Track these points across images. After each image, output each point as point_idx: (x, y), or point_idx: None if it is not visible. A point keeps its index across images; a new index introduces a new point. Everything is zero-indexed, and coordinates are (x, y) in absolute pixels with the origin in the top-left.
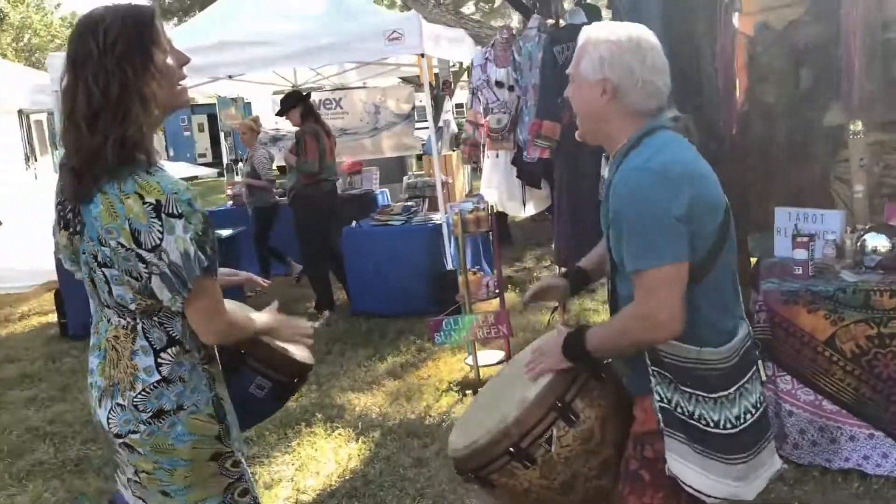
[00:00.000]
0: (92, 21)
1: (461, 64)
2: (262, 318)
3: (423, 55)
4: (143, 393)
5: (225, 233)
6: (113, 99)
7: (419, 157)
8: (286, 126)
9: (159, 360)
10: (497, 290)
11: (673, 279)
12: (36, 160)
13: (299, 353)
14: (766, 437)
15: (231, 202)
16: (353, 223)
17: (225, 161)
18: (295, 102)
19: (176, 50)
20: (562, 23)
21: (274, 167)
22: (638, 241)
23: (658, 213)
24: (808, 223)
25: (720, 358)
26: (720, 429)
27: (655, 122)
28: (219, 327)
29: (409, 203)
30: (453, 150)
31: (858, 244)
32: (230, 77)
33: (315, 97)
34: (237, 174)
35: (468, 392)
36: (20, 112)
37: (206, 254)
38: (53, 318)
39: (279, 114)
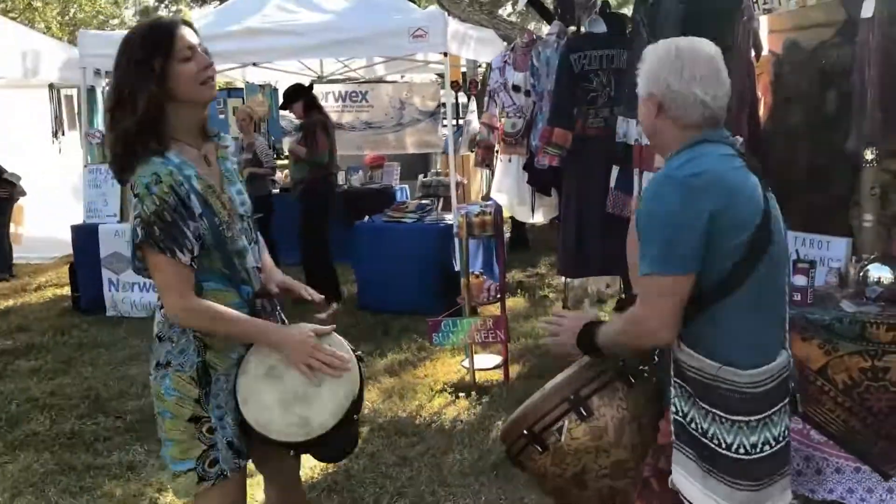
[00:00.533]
0: (124, 37)
1: (490, 65)
2: (258, 326)
3: (446, 54)
4: (153, 345)
5: None
6: (126, 97)
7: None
8: None
9: (158, 319)
10: (498, 295)
11: (670, 289)
12: (63, 134)
13: (299, 417)
14: (782, 471)
15: None
16: (367, 218)
17: None
18: (297, 95)
19: (199, 54)
20: (582, 30)
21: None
22: (648, 246)
23: (672, 221)
24: (813, 249)
25: (746, 381)
26: (732, 452)
27: (702, 135)
28: (170, 306)
29: (424, 201)
30: (471, 151)
31: (861, 274)
32: (255, 64)
33: (341, 89)
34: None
35: (461, 394)
36: (51, 86)
37: (149, 231)
38: (68, 290)
39: (282, 107)
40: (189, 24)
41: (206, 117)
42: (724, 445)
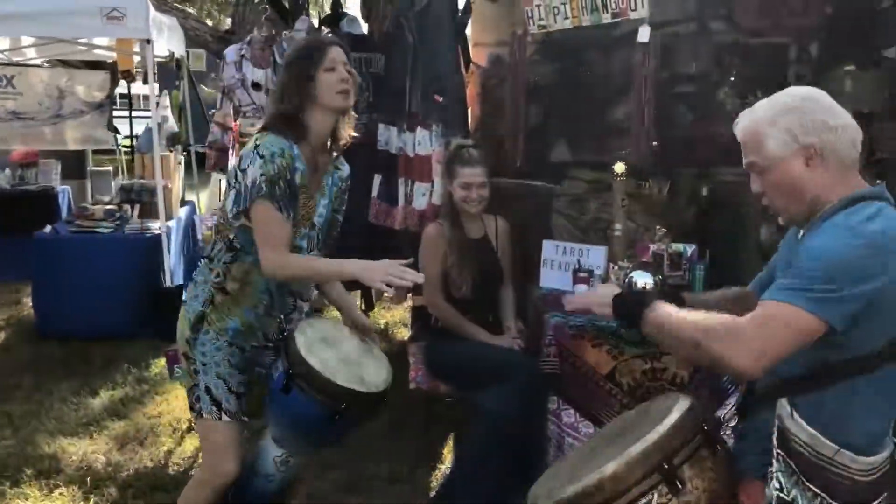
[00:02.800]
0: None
1: (173, 54)
2: (336, 264)
3: (149, 41)
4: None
5: None
6: (280, 90)
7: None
8: None
9: (198, 264)
10: None
11: (796, 326)
12: None
13: (357, 375)
14: None
15: None
16: (49, 228)
17: None
18: None
19: (341, 69)
20: (324, 30)
21: None
22: (801, 279)
23: (845, 269)
24: (573, 256)
25: (860, 469)
26: None
27: (870, 191)
28: (267, 257)
29: (110, 207)
30: (170, 151)
31: (626, 281)
32: None
33: None
34: None
35: None
36: None
37: (272, 188)
38: None
39: None
40: (341, 45)
41: (336, 129)
42: None
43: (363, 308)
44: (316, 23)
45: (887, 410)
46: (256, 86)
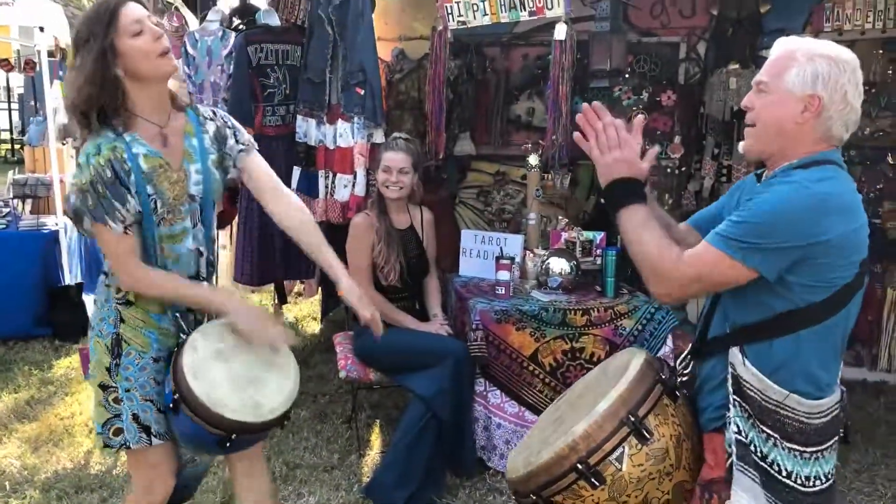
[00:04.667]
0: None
1: (58, 41)
2: (206, 293)
3: (42, 28)
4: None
5: None
6: (84, 81)
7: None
8: None
9: (97, 284)
10: None
11: (723, 270)
12: None
13: (251, 401)
14: None
15: None
16: None
17: None
18: None
19: (149, 27)
20: (236, 22)
21: None
22: (738, 227)
23: (782, 226)
24: (493, 245)
25: (806, 411)
26: (791, 480)
27: (829, 154)
28: (117, 273)
29: None
30: (63, 144)
31: (543, 266)
32: None
33: None
34: None
35: None
36: None
37: (83, 199)
38: None
39: None
40: (132, 4)
41: (168, 90)
42: (784, 472)
43: (275, 301)
44: (227, 13)
45: (832, 358)
46: None
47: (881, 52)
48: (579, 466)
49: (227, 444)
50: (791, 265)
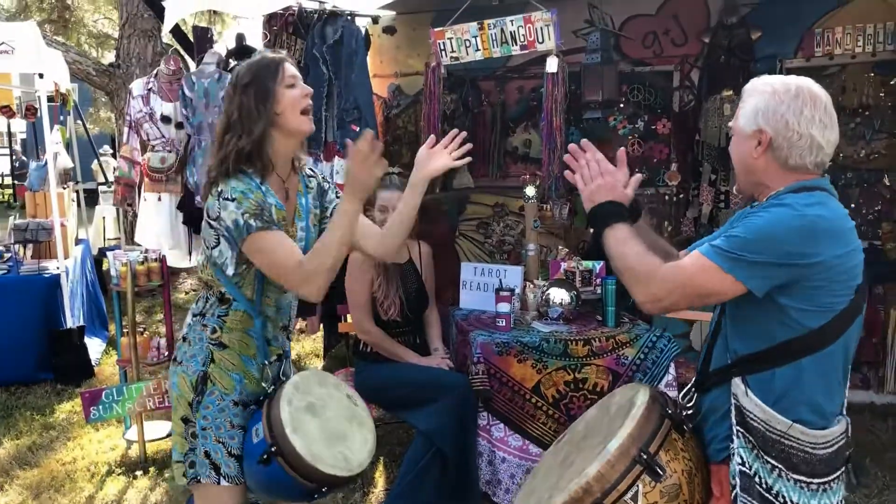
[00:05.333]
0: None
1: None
2: (341, 212)
3: (41, 75)
4: (180, 342)
5: None
6: (239, 119)
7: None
8: None
9: (188, 322)
10: (168, 353)
11: (709, 280)
12: None
13: (342, 456)
14: None
15: None
16: None
17: None
18: None
19: (301, 84)
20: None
21: None
22: (731, 241)
23: (774, 245)
24: (492, 277)
25: (811, 442)
26: None
27: (817, 182)
28: (293, 274)
29: None
30: (64, 188)
31: (543, 297)
32: None
33: None
34: None
35: (138, 473)
36: None
37: (258, 216)
38: None
39: None
40: (290, 62)
41: (296, 153)
42: None
43: None
44: (224, 55)
45: (835, 387)
46: (166, 119)
47: (872, 74)
48: None
49: (316, 496)
50: (783, 287)
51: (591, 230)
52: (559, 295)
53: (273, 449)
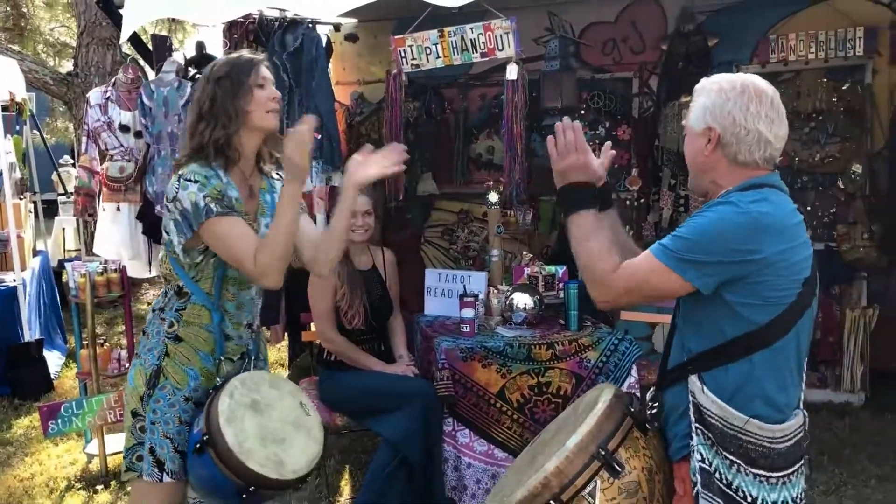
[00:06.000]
0: (209, 66)
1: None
2: (287, 192)
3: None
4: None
5: None
6: (210, 111)
7: None
8: None
9: (149, 317)
10: (129, 365)
11: (658, 280)
12: None
13: (276, 458)
14: None
15: None
16: None
17: None
18: None
19: (271, 87)
20: (192, 72)
21: None
22: (678, 241)
23: (718, 243)
24: (457, 283)
25: (768, 436)
26: None
27: (766, 178)
28: (248, 259)
29: None
30: (21, 198)
31: (507, 302)
32: None
33: None
34: None
35: (98, 487)
36: None
37: (218, 201)
38: None
39: None
40: (265, 65)
41: (262, 148)
42: (749, 499)
43: None
44: (183, 63)
45: (789, 381)
46: (125, 128)
47: (825, 80)
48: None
49: (244, 496)
50: (728, 283)
51: (559, 207)
52: (523, 300)
53: (206, 438)
